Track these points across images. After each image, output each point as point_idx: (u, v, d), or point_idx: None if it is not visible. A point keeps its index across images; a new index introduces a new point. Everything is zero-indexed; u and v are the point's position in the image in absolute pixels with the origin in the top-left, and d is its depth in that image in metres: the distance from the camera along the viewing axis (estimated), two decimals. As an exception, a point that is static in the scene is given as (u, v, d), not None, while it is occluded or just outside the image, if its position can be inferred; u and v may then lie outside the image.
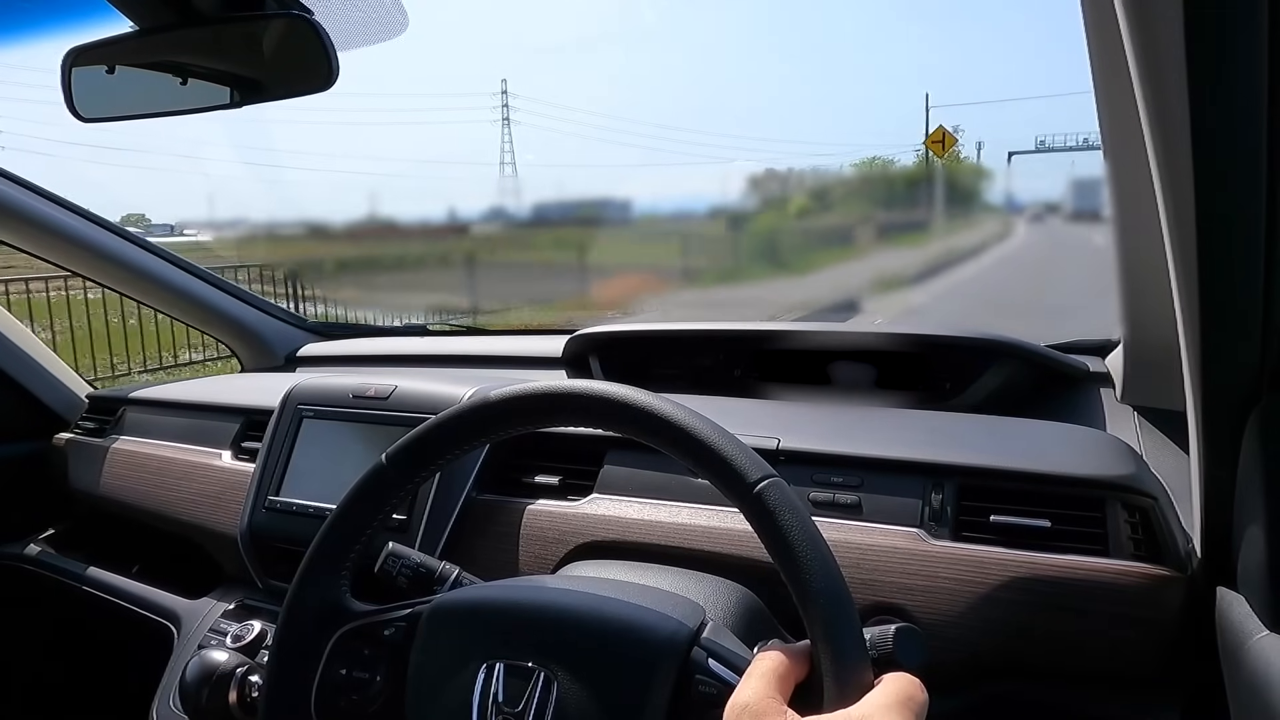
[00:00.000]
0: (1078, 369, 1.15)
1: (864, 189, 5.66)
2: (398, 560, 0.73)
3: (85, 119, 0.88)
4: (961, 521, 0.82)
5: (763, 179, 27.33)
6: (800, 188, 5.06)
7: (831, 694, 0.48)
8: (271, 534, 1.07)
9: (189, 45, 0.82)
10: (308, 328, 1.80)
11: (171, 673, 1.09)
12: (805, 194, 4.96)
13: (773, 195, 4.87)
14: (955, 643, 0.77)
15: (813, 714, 0.47)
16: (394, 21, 0.84)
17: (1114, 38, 0.58)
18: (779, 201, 4.80)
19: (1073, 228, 6.36)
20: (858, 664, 0.49)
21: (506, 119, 40.53)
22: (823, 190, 5.25)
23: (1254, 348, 0.60)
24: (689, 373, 1.33)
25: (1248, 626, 0.62)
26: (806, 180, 7.41)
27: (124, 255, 1.49)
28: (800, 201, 4.83)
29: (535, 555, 0.93)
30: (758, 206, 4.71)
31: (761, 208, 4.72)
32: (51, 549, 1.44)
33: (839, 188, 5.41)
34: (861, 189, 5.59)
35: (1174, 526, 0.78)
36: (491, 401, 0.63)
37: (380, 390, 1.08)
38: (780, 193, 4.93)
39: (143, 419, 1.39)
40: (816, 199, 4.92)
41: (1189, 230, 0.57)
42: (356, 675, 0.66)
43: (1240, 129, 0.53)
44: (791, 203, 4.81)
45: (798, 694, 0.50)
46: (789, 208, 4.80)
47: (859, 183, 7.18)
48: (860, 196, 5.13)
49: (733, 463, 0.54)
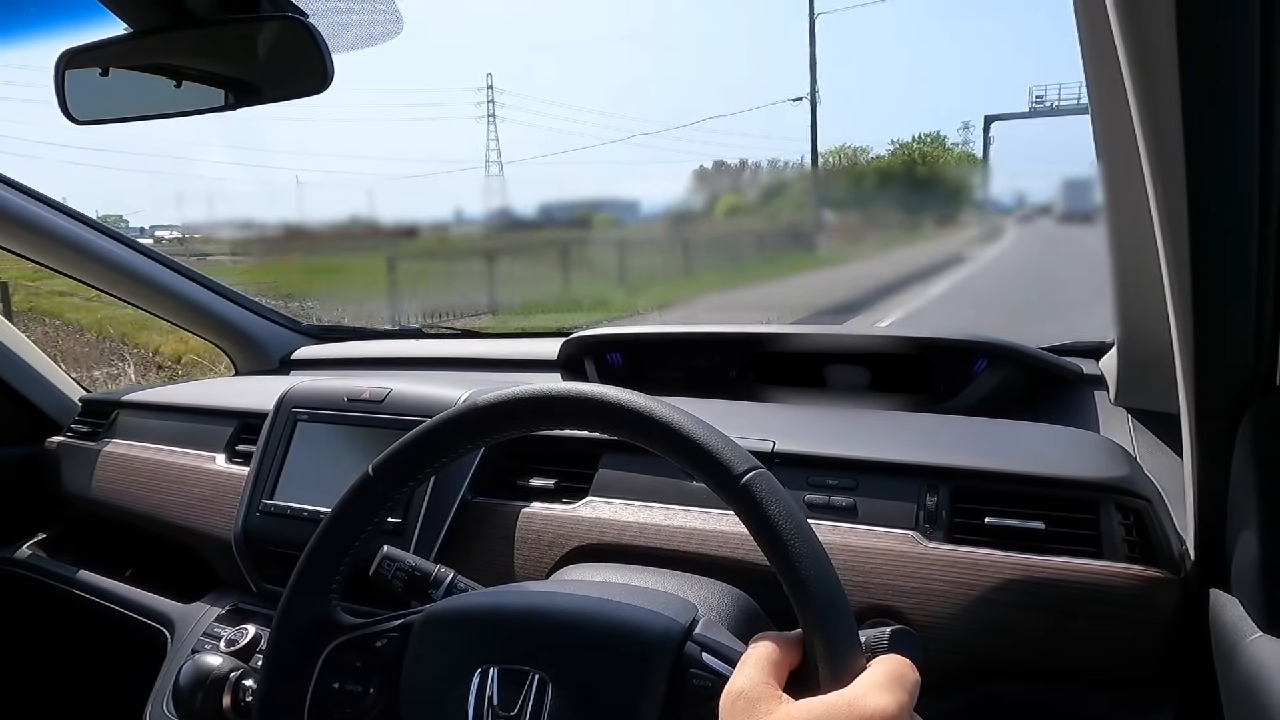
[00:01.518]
0: (1071, 371, 1.15)
1: (820, 185, 5.27)
2: (393, 563, 0.72)
3: (79, 121, 0.87)
4: (956, 524, 0.82)
5: (710, 174, 24.54)
6: (754, 184, 4.70)
7: (825, 677, 0.49)
8: (266, 537, 1.07)
9: (183, 47, 0.82)
10: (302, 330, 1.80)
11: (165, 677, 1.09)
12: (751, 191, 4.59)
13: (723, 192, 4.53)
14: (950, 645, 0.77)
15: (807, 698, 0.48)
16: (388, 24, 0.84)
17: (1107, 39, 0.58)
18: (714, 201, 4.41)
19: (1066, 230, 6.24)
20: (849, 648, 0.50)
21: (492, 115, 37.99)
22: (778, 186, 4.84)
23: (1247, 350, 0.61)
24: (685, 375, 1.33)
25: (1241, 628, 0.63)
26: (762, 175, 6.93)
27: (115, 257, 1.48)
28: (731, 200, 4.48)
29: (530, 558, 0.93)
30: (703, 205, 4.34)
31: (706, 206, 4.35)
32: (44, 553, 1.43)
33: (800, 182, 5.02)
34: (816, 185, 5.17)
35: (1168, 528, 0.79)
36: (479, 407, 0.62)
37: (375, 393, 1.07)
38: (733, 188, 4.56)
39: (136, 422, 1.39)
40: (768, 196, 4.52)
41: (1182, 233, 0.57)
42: (349, 688, 0.65)
43: (1233, 131, 0.53)
44: (720, 202, 4.44)
45: (792, 680, 0.50)
46: (717, 208, 4.43)
47: (814, 178, 6.69)
48: (807, 195, 4.70)
49: (719, 456, 0.54)
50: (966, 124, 32.03)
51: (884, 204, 4.88)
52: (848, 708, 0.46)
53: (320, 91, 0.79)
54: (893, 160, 21.54)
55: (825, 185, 5.27)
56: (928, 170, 15.66)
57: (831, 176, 6.47)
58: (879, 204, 4.91)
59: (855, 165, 20.60)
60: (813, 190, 6.12)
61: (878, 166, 21.11)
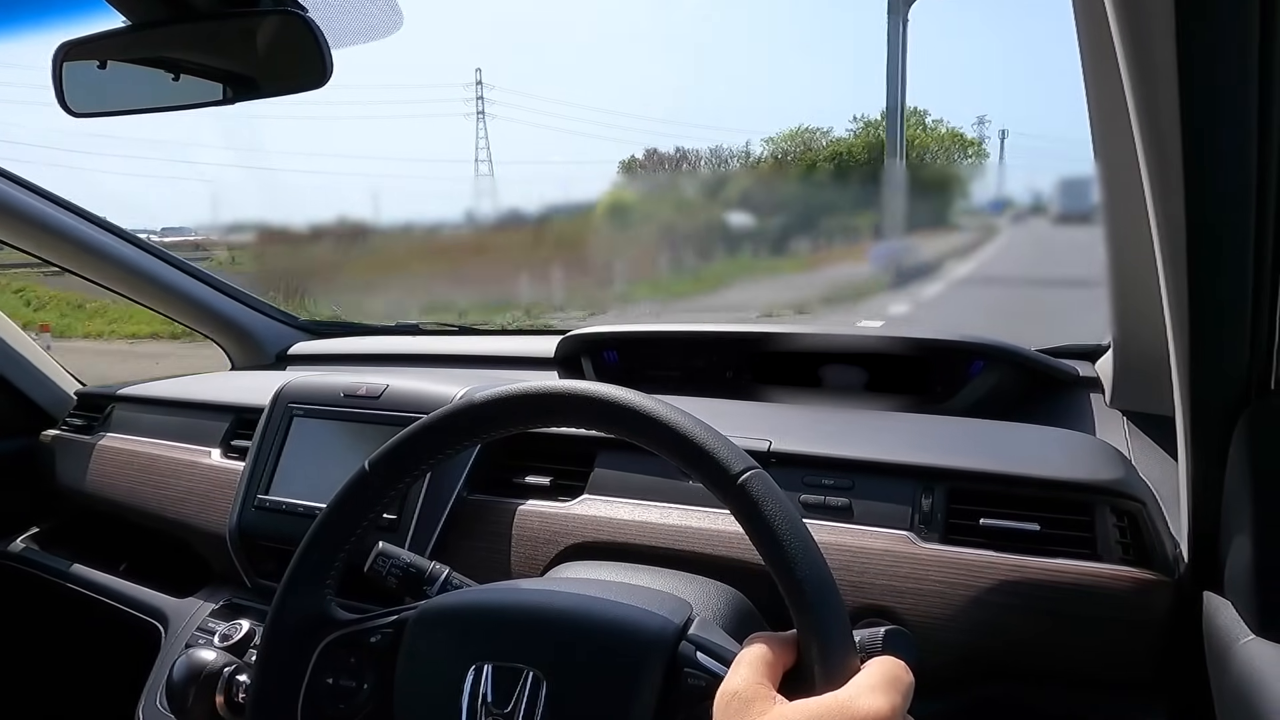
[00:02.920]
0: (1067, 373, 1.15)
1: (758, 181, 4.44)
2: (388, 560, 0.72)
3: (76, 114, 0.87)
4: (951, 525, 0.83)
5: (636, 167, 21.80)
6: (692, 175, 4.16)
7: (819, 678, 0.49)
8: (261, 533, 1.07)
9: (182, 41, 0.82)
10: (299, 325, 1.80)
11: (159, 672, 1.09)
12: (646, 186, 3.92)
13: (660, 185, 3.97)
14: (944, 645, 0.77)
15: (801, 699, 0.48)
16: (388, 19, 0.84)
17: (1105, 43, 0.58)
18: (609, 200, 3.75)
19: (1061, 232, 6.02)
20: (844, 648, 0.50)
21: (481, 112, 36.11)
22: (718, 180, 4.01)
23: (1242, 353, 0.61)
24: (682, 374, 1.34)
25: (1234, 631, 0.63)
26: (701, 164, 6.02)
27: (112, 251, 1.48)
28: (616, 196, 3.84)
29: (526, 556, 0.93)
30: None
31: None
32: (38, 547, 1.43)
33: (742, 178, 4.36)
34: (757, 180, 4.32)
35: (1162, 531, 0.79)
36: (475, 404, 0.62)
37: (371, 389, 1.07)
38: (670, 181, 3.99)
39: (131, 416, 1.38)
40: (662, 194, 3.84)
41: (1178, 235, 0.57)
42: (343, 684, 0.65)
43: (1230, 135, 0.53)
44: (601, 201, 3.75)
45: (786, 680, 0.50)
46: (598, 207, 3.70)
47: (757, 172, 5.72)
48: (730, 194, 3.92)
49: (716, 456, 0.54)
50: (982, 118, 30.96)
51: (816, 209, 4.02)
52: (841, 709, 0.46)
53: (319, 86, 0.79)
54: (852, 145, 17.98)
55: (727, 185, 4.54)
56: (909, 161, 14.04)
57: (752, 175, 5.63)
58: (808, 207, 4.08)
59: (808, 152, 17.87)
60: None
61: (832, 151, 17.63)
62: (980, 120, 29.17)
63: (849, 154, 17.54)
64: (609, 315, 3.88)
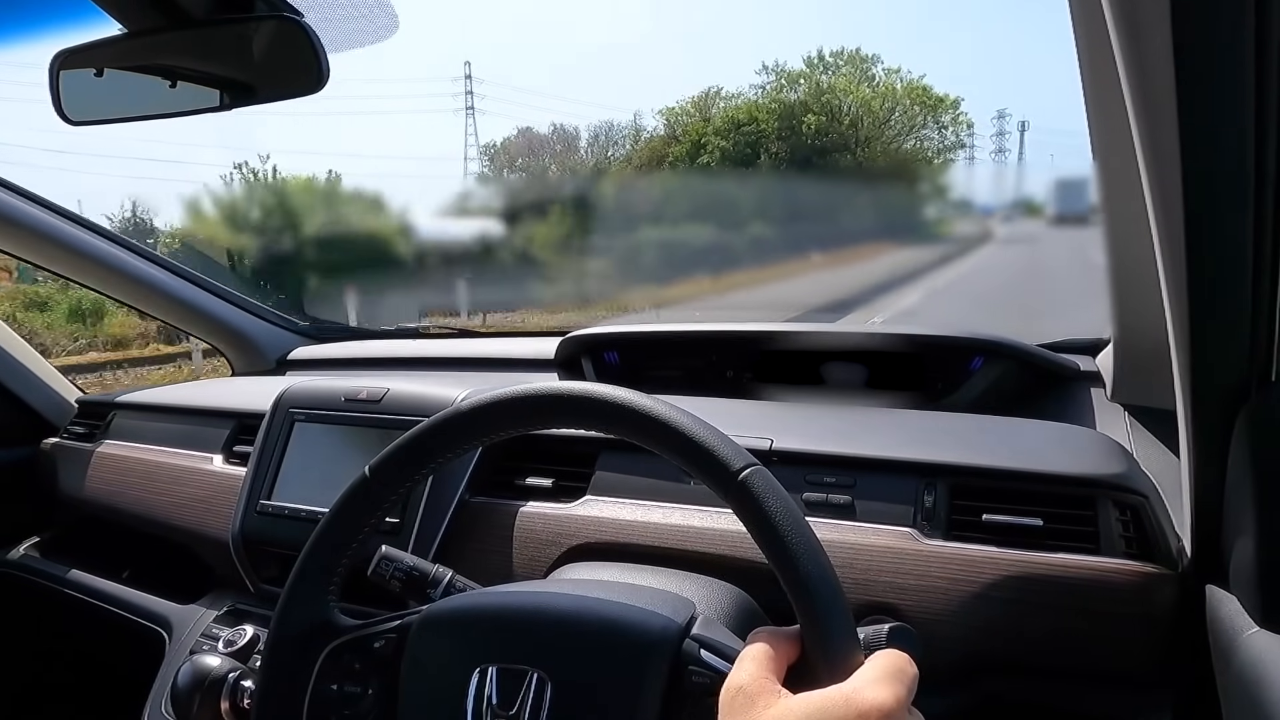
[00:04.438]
0: (1068, 368, 1.15)
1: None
2: (391, 563, 0.72)
3: (73, 122, 0.87)
4: (954, 521, 0.83)
5: (501, 151, 17.59)
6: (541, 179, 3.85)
7: (823, 672, 0.49)
8: (263, 538, 1.07)
9: (178, 48, 0.82)
10: (299, 330, 1.80)
11: (163, 678, 1.09)
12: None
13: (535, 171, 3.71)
14: (948, 642, 0.77)
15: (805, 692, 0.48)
16: (384, 23, 0.84)
17: (1103, 38, 0.58)
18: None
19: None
20: (847, 643, 0.50)
21: (471, 108, 34.89)
22: (600, 168, 3.66)
23: (1243, 346, 0.61)
24: (682, 374, 1.34)
25: (1238, 623, 0.63)
26: (580, 148, 5.18)
27: (110, 258, 1.48)
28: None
29: (529, 557, 0.93)
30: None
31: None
32: (40, 555, 1.43)
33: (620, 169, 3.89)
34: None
35: (1164, 524, 0.79)
36: (476, 406, 0.62)
37: (372, 393, 1.07)
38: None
39: (132, 424, 1.38)
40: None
41: (1178, 230, 0.57)
42: (348, 689, 0.65)
43: (1228, 130, 0.53)
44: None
45: (790, 675, 0.50)
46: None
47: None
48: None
49: (716, 454, 0.54)
50: (1001, 112, 30.42)
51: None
52: (845, 701, 0.46)
53: (316, 91, 0.79)
54: (758, 109, 11.43)
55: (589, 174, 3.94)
56: (819, 124, 8.96)
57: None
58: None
59: (702, 124, 12.19)
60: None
61: (728, 118, 10.83)
62: (1000, 114, 28.55)
63: (753, 121, 11.78)
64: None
